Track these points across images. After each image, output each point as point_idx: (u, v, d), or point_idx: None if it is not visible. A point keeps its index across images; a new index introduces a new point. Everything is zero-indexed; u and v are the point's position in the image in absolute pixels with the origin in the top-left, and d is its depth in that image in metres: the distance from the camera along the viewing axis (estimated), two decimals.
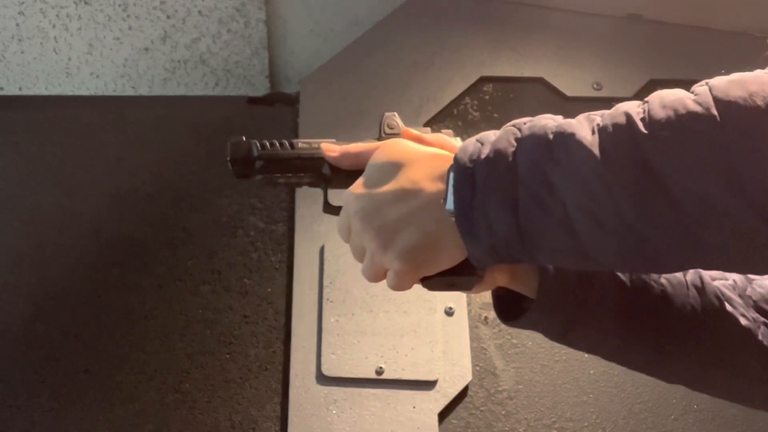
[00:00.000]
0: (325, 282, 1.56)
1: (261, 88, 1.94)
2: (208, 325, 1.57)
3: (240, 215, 1.70)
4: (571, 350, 1.57)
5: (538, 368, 1.52)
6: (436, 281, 0.65)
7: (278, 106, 1.88)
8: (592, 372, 1.51)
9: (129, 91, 1.92)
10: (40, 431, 1.46)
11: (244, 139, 0.75)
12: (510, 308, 0.73)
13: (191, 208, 1.71)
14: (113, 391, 1.50)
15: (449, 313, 1.53)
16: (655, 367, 0.72)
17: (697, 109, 0.50)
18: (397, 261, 0.62)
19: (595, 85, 1.84)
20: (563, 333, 0.70)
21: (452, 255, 0.62)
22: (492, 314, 1.56)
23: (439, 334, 1.51)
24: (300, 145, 0.74)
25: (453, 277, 0.65)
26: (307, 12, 1.90)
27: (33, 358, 1.53)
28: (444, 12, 1.92)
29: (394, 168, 0.64)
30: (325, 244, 1.60)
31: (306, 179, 0.75)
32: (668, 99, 0.52)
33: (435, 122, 1.78)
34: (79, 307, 1.59)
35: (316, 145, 0.74)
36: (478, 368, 1.51)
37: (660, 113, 0.51)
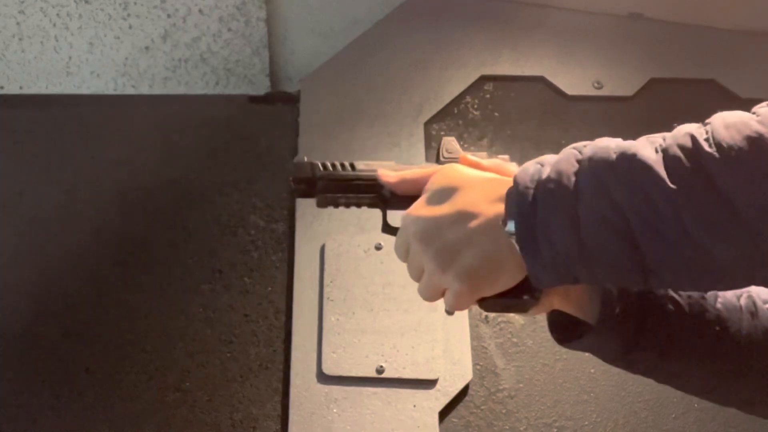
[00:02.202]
0: (326, 281, 1.56)
1: (261, 87, 1.94)
2: (209, 324, 1.57)
3: (240, 214, 1.70)
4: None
5: (539, 367, 1.52)
6: (493, 302, 0.67)
7: (279, 105, 1.88)
8: (592, 371, 1.51)
9: (129, 90, 1.92)
10: (41, 430, 1.46)
11: (306, 159, 0.78)
12: (565, 331, 0.74)
13: (192, 207, 1.71)
14: (114, 390, 1.50)
15: (449, 312, 1.53)
16: (710, 391, 0.73)
17: (761, 129, 0.52)
18: (456, 282, 0.64)
19: (595, 84, 1.84)
20: (622, 356, 0.71)
21: (511, 276, 0.64)
22: (492, 313, 1.56)
23: (439, 332, 1.51)
24: (360, 166, 0.77)
25: (510, 299, 0.66)
26: (308, 11, 1.90)
27: (34, 356, 1.54)
28: (444, 11, 1.92)
29: (452, 191, 0.66)
30: (326, 243, 1.60)
31: (365, 200, 0.78)
32: (731, 120, 0.54)
33: (435, 121, 1.78)
34: (80, 306, 1.59)
35: (377, 167, 0.77)
36: (478, 367, 1.51)
37: (724, 134, 0.53)
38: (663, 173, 0.54)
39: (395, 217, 0.74)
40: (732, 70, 1.85)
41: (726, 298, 0.71)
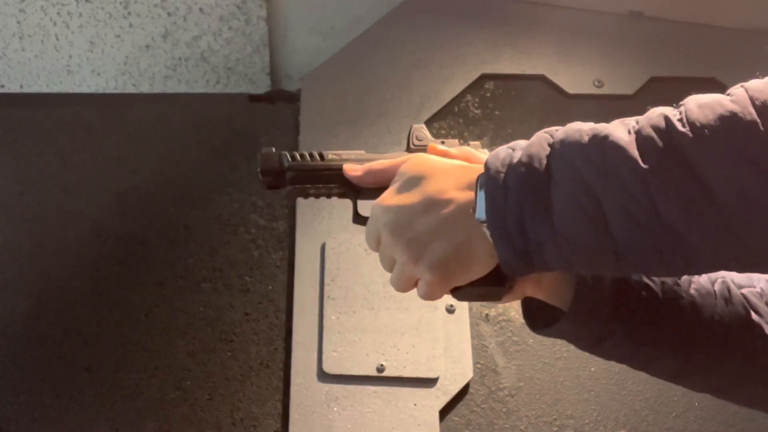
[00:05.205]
0: (326, 279, 1.56)
1: (262, 86, 1.94)
2: (209, 322, 1.57)
3: (241, 213, 1.70)
4: (572, 348, 1.56)
5: (540, 366, 1.52)
6: (466, 291, 0.66)
7: (279, 104, 1.88)
8: (593, 369, 1.51)
9: (130, 89, 1.92)
10: (41, 428, 1.46)
11: (273, 150, 0.77)
12: (539, 317, 0.73)
13: (192, 206, 1.71)
14: (114, 389, 1.50)
15: (450, 310, 1.53)
16: (685, 377, 0.72)
17: (735, 108, 0.51)
18: (428, 272, 0.63)
19: (596, 83, 1.83)
20: (596, 343, 0.70)
21: (483, 264, 0.63)
22: (493, 312, 1.56)
23: (440, 331, 1.51)
24: (329, 156, 0.76)
25: (483, 287, 0.65)
26: (308, 9, 1.90)
27: (34, 355, 1.54)
28: (445, 9, 1.92)
29: (421, 180, 0.65)
30: (326, 242, 1.60)
31: (336, 190, 0.76)
32: (705, 100, 0.53)
33: (436, 119, 1.78)
34: (80, 305, 1.59)
35: (346, 157, 0.75)
36: (479, 366, 1.51)
37: (698, 113, 0.52)
38: (636, 154, 0.53)
39: (366, 206, 0.72)
40: (733, 68, 1.85)
41: (700, 283, 0.70)
